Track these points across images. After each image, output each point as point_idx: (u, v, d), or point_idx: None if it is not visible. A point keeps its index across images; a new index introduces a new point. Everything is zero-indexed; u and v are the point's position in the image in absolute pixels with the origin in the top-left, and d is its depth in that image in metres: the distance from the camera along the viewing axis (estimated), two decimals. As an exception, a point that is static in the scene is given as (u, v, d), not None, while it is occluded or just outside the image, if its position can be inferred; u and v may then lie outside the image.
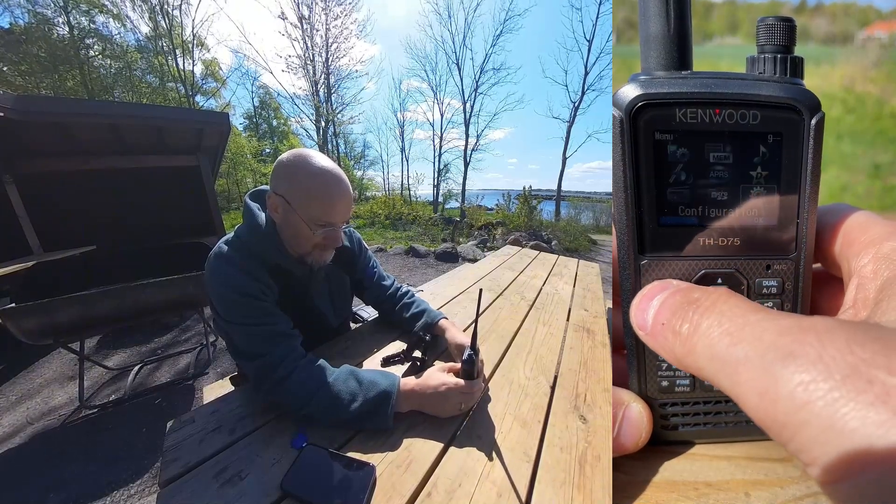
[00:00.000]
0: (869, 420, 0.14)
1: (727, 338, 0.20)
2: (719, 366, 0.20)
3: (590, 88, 16.05)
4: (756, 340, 0.18)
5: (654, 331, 0.24)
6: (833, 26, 3.79)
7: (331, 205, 0.76)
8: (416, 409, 0.72)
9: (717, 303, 0.22)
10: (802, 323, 0.18)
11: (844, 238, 0.28)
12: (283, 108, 21.22)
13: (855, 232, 0.27)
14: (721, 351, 0.20)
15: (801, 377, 0.16)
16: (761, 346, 0.18)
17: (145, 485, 1.56)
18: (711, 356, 0.20)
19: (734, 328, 0.20)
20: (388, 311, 1.14)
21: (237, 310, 0.74)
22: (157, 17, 14.45)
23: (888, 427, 0.13)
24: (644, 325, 0.25)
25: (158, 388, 2.23)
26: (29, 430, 1.90)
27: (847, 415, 0.14)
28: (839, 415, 0.14)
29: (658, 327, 0.24)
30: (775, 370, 0.17)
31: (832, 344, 0.16)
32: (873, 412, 0.14)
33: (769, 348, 0.17)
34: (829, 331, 0.17)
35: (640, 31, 0.29)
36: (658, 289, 0.26)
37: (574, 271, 2.09)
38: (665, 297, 0.25)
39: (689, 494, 0.29)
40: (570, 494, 0.58)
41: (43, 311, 1.67)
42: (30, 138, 2.58)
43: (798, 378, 0.16)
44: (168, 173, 3.40)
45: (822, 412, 0.15)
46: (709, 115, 0.27)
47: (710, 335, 0.21)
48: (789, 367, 0.16)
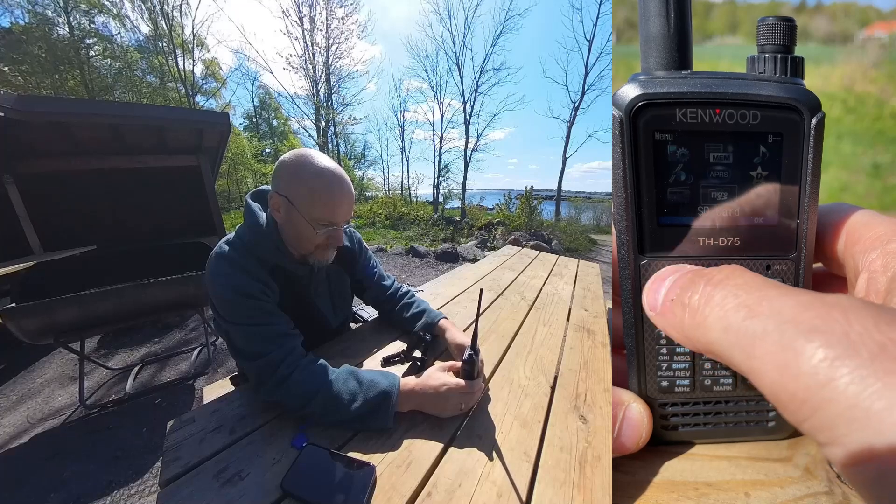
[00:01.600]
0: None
1: (743, 310, 0.19)
2: (734, 339, 0.19)
3: (590, 88, 16.05)
4: (776, 314, 0.17)
5: (663, 309, 0.24)
6: (833, 26, 3.78)
7: (333, 204, 0.77)
8: (416, 408, 0.72)
9: (731, 276, 0.21)
10: (826, 299, 0.17)
11: (848, 236, 0.27)
12: (284, 108, 21.24)
13: (860, 230, 0.27)
14: (736, 323, 0.19)
15: (826, 352, 0.15)
16: (781, 319, 0.17)
17: (146, 484, 1.56)
18: (725, 328, 0.19)
19: (751, 301, 0.19)
20: (388, 311, 1.14)
21: (238, 310, 0.74)
22: (156, 18, 14.45)
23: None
24: (655, 304, 0.25)
25: (159, 388, 2.23)
26: (29, 430, 1.90)
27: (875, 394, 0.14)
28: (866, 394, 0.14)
29: (668, 304, 0.24)
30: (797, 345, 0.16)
31: (859, 321, 0.15)
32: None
33: (790, 322, 0.17)
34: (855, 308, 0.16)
35: (640, 31, 0.29)
36: (671, 271, 0.26)
37: (574, 271, 2.09)
38: (677, 276, 0.25)
39: (689, 494, 0.29)
40: (570, 494, 0.58)
41: (43, 310, 1.67)
42: (30, 138, 2.58)
43: (822, 353, 0.15)
44: (168, 173, 3.39)
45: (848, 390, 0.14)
46: (709, 115, 0.27)
47: (725, 306, 0.20)
48: (813, 342, 0.15)
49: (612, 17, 0.51)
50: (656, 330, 0.32)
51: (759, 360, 0.17)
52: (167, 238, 3.32)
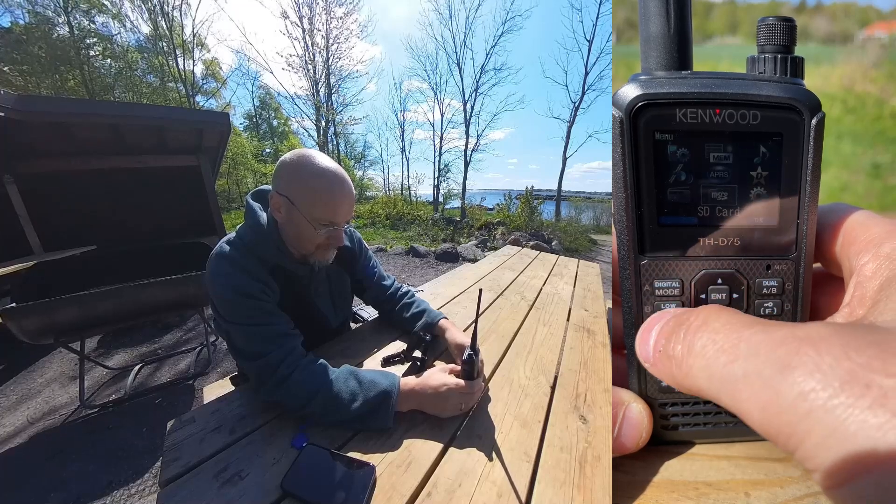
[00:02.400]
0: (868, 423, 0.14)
1: (723, 355, 0.20)
2: (718, 384, 0.20)
3: (590, 88, 16.01)
4: (752, 355, 0.18)
5: (654, 359, 0.25)
6: (833, 26, 3.79)
7: (334, 204, 0.77)
8: (416, 408, 0.73)
9: (707, 320, 0.22)
10: (797, 332, 0.18)
11: (845, 237, 0.27)
12: (284, 108, 21.24)
13: (856, 231, 0.27)
14: (718, 370, 0.20)
15: (801, 387, 0.16)
16: (758, 360, 0.18)
17: (146, 484, 1.56)
18: (709, 376, 0.20)
19: (729, 345, 0.20)
20: (388, 311, 1.14)
21: (238, 310, 0.74)
22: (156, 18, 14.45)
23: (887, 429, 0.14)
24: (647, 356, 0.26)
25: (159, 388, 2.23)
26: (30, 430, 1.90)
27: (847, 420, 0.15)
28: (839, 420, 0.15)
29: (657, 355, 0.24)
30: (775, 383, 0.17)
31: (828, 351, 0.16)
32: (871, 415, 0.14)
33: (766, 362, 0.18)
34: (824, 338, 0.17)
35: (641, 31, 0.29)
36: (656, 319, 0.26)
37: (574, 271, 2.09)
38: (662, 324, 0.25)
39: (689, 494, 0.29)
40: (570, 494, 0.58)
41: (43, 310, 1.67)
42: (30, 138, 2.58)
43: (798, 388, 0.16)
44: (168, 173, 3.39)
45: (824, 419, 0.15)
46: (709, 115, 0.27)
47: (706, 354, 0.21)
48: (788, 379, 0.16)
49: (612, 17, 0.51)
50: None
51: (744, 402, 0.18)
52: (167, 238, 3.32)
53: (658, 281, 0.30)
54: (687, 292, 0.30)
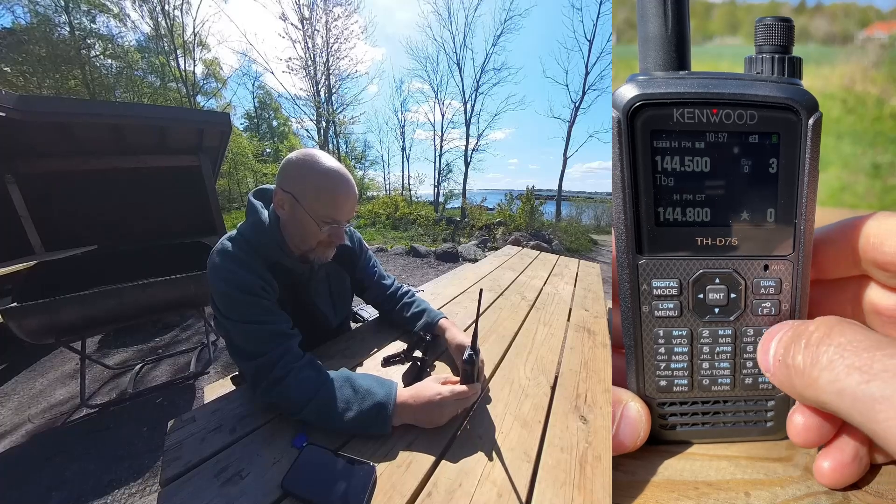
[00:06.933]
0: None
1: (856, 374, 0.19)
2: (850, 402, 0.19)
3: (590, 88, 15.99)
4: (893, 377, 0.18)
5: (773, 368, 0.25)
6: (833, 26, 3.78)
7: (338, 202, 0.78)
8: (410, 423, 0.70)
9: (830, 333, 0.22)
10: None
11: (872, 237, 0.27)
12: (284, 109, 21.25)
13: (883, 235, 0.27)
14: (851, 387, 0.19)
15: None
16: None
17: (146, 484, 1.56)
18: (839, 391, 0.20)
19: (862, 363, 0.19)
20: (388, 310, 1.14)
21: (238, 307, 0.74)
22: (157, 18, 14.46)
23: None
24: (767, 365, 0.26)
25: (159, 388, 2.23)
26: (30, 429, 1.90)
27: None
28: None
29: (777, 364, 0.25)
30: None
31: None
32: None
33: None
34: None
35: (639, 31, 0.29)
36: (776, 329, 0.26)
37: (575, 271, 2.09)
38: (781, 334, 0.25)
39: (689, 494, 0.29)
40: (570, 495, 0.58)
41: (44, 310, 1.67)
42: (32, 138, 2.58)
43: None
44: (169, 173, 3.39)
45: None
46: (706, 116, 0.27)
47: (834, 369, 0.20)
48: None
49: (613, 17, 0.52)
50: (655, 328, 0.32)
51: (882, 423, 0.18)
52: (168, 238, 3.33)
53: (656, 280, 0.30)
54: (685, 292, 0.30)
